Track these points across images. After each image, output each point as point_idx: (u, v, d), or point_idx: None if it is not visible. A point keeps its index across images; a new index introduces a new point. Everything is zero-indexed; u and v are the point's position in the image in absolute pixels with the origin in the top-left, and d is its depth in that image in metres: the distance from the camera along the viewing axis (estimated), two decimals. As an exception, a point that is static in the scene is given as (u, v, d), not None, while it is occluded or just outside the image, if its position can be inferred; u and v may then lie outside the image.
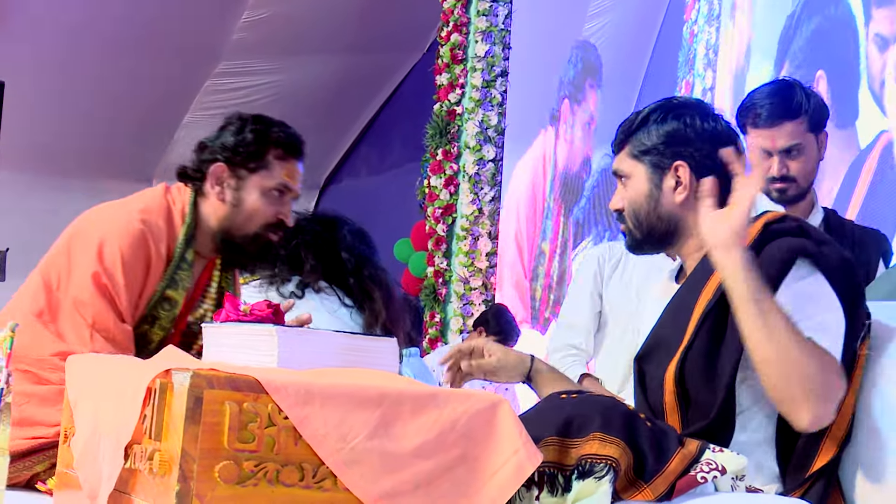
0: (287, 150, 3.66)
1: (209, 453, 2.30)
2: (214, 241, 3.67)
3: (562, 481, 2.56)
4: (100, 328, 3.43)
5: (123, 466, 2.51)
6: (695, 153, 3.02)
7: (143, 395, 2.46)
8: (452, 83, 7.35)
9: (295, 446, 2.34)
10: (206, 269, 3.75)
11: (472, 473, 2.43)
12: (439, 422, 2.42)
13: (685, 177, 3.03)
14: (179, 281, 3.59)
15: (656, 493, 2.62)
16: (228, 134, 3.64)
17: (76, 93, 8.83)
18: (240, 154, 3.61)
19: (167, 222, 3.59)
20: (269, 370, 2.44)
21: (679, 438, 2.70)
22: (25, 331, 3.38)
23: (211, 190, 3.63)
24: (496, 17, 7.18)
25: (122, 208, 3.61)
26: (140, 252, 3.51)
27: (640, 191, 3.07)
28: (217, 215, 3.64)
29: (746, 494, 2.76)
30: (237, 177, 3.62)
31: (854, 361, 2.86)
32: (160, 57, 8.73)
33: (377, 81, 9.47)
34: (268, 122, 3.68)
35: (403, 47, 9.13)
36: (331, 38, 8.93)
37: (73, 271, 3.49)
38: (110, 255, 3.47)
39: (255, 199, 3.61)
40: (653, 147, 3.06)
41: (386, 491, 2.37)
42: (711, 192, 2.90)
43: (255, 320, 2.70)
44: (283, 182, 3.64)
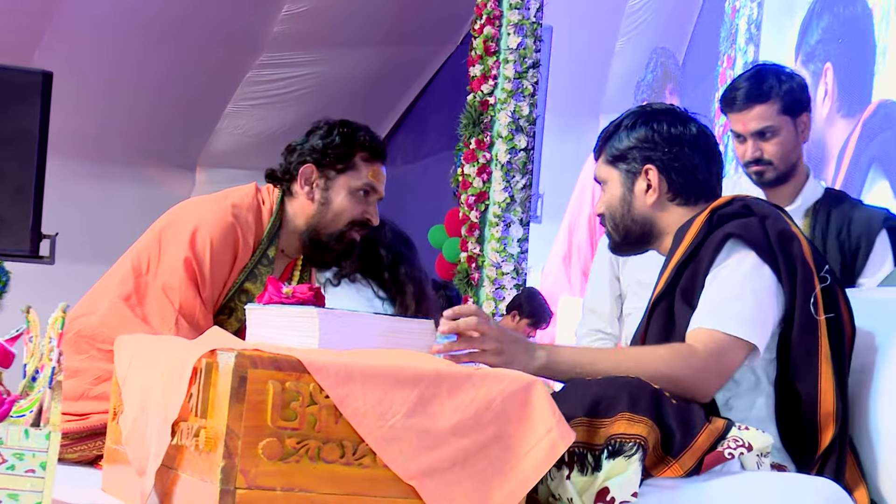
0: (373, 153, 3.70)
1: (253, 430, 2.31)
2: (300, 240, 3.71)
3: (591, 461, 2.56)
4: (186, 313, 3.47)
5: (170, 443, 2.51)
6: (663, 157, 3.07)
7: (190, 374, 2.47)
8: (485, 74, 7.34)
9: (336, 424, 2.35)
10: (287, 269, 3.79)
11: (506, 452, 2.43)
12: (475, 401, 2.42)
13: (654, 180, 3.07)
14: (258, 275, 3.63)
15: (685, 468, 2.61)
16: (317, 137, 3.68)
17: (122, 84, 8.84)
18: (328, 156, 3.65)
19: (256, 218, 3.64)
20: (310, 351, 2.45)
21: (705, 415, 2.69)
22: (112, 313, 3.41)
23: (300, 190, 3.67)
24: (528, 9, 7.16)
25: (216, 201, 3.67)
26: (229, 243, 3.56)
27: (615, 195, 3.12)
28: (305, 214, 3.68)
29: (774, 472, 2.76)
30: (325, 177, 3.66)
31: (815, 327, 2.85)
32: (203, 48, 8.74)
33: (412, 73, 9.46)
34: (355, 127, 3.71)
35: (438, 39, 9.12)
36: (367, 31, 8.92)
37: (163, 257, 3.53)
38: (201, 243, 3.52)
39: (342, 198, 3.66)
40: (625, 152, 3.10)
41: (423, 468, 2.37)
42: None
43: (297, 303, 2.70)
44: (369, 182, 3.68)
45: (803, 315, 2.85)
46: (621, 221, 3.12)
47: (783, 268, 2.87)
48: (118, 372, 2.92)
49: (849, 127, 4.50)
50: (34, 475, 2.42)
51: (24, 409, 2.50)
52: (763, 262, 2.88)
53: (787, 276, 2.87)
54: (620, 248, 3.19)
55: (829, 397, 2.83)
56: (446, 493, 2.38)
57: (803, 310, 2.85)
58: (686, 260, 2.95)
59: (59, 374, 2.50)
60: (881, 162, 4.33)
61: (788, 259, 2.88)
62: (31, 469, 2.42)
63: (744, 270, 2.88)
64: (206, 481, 2.35)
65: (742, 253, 2.89)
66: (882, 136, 4.33)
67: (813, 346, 2.85)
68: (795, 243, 2.89)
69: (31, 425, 2.48)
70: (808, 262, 2.88)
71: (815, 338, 2.85)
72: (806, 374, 2.85)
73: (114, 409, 2.93)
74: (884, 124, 4.34)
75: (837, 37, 4.59)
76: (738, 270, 2.88)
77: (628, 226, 3.11)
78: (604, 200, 3.15)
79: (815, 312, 2.85)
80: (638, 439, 2.55)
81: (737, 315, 2.83)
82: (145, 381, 2.71)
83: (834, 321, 2.88)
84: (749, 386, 2.91)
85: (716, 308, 2.85)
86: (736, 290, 2.86)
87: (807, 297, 2.86)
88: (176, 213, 3.66)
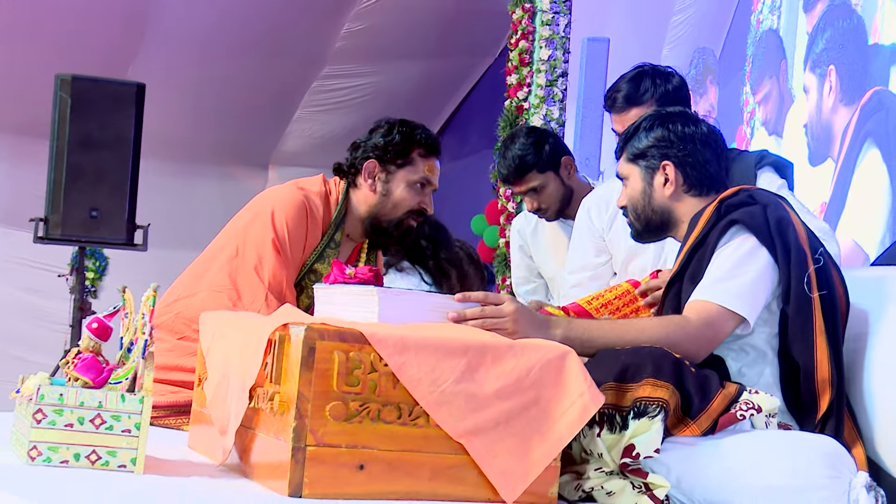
0: (429, 150, 3.69)
1: (321, 395, 2.31)
2: (363, 226, 3.70)
3: (619, 420, 2.55)
4: (274, 290, 3.47)
5: (248, 406, 2.52)
6: (679, 154, 3.05)
7: (265, 345, 2.48)
8: (520, 83, 7.29)
9: (393, 389, 2.35)
10: (353, 252, 3.78)
11: (544, 413, 2.42)
12: (516, 369, 2.41)
13: (671, 174, 3.05)
14: (326, 257, 3.63)
15: (701, 428, 2.60)
16: (379, 135, 3.68)
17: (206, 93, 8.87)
18: (389, 152, 3.65)
19: (324, 204, 3.65)
20: (371, 325, 2.44)
21: (720, 381, 2.68)
22: (211, 300, 3.40)
23: (364, 182, 3.67)
24: (557, 26, 7.11)
25: (288, 187, 3.68)
26: (301, 223, 3.56)
27: (636, 189, 3.10)
28: (368, 203, 3.67)
29: (780, 431, 2.73)
30: (386, 171, 3.66)
31: (809, 304, 2.82)
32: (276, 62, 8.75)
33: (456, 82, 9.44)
34: (412, 125, 3.70)
35: (478, 52, 9.09)
36: (417, 46, 8.92)
37: (250, 242, 3.52)
38: (280, 223, 3.53)
39: (401, 190, 3.65)
40: (644, 150, 3.08)
41: (470, 427, 2.36)
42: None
43: (359, 282, 2.68)
44: (425, 176, 3.68)
45: (798, 293, 2.83)
46: (643, 212, 3.10)
47: (780, 251, 2.85)
48: (202, 343, 2.92)
49: (849, 113, 4.65)
50: (129, 434, 2.42)
51: (121, 377, 2.50)
52: (762, 245, 2.86)
53: (784, 258, 2.85)
54: (642, 236, 3.16)
55: (824, 366, 2.81)
56: (490, 450, 2.37)
57: (798, 288, 2.83)
58: (697, 245, 2.94)
59: (150, 345, 2.49)
60: (875, 135, 4.51)
61: (785, 243, 2.85)
62: (126, 429, 2.42)
63: (743, 252, 2.86)
64: (279, 439, 2.35)
65: (743, 237, 2.88)
66: (876, 115, 4.52)
67: (808, 321, 2.83)
68: (791, 229, 2.87)
69: (127, 391, 2.48)
70: (802, 246, 2.86)
71: (809, 313, 2.83)
72: (802, 345, 2.83)
73: (199, 376, 2.92)
74: (878, 107, 4.52)
75: (839, 44, 4.75)
76: (738, 252, 2.86)
77: (649, 216, 3.09)
78: (626, 194, 3.13)
79: (809, 290, 2.83)
80: (661, 402, 2.55)
81: (731, 290, 2.81)
82: (226, 351, 2.71)
83: (828, 298, 2.86)
84: (757, 356, 2.88)
85: (713, 283, 2.84)
86: (733, 269, 2.84)
87: (801, 277, 2.83)
88: (256, 203, 3.65)
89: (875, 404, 2.86)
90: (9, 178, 8.69)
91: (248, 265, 3.49)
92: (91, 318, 2.63)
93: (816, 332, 2.82)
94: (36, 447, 2.38)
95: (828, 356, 2.81)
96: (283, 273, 3.49)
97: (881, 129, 4.54)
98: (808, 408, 2.81)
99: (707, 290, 2.83)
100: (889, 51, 4.57)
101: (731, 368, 2.86)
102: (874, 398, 2.86)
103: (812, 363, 2.81)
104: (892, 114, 4.49)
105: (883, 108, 4.52)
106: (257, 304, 3.39)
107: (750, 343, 2.87)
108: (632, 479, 2.54)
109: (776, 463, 2.58)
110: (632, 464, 2.53)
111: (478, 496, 2.37)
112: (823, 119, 4.81)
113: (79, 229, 6.43)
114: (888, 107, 4.49)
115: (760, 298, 2.85)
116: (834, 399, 2.79)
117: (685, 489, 2.58)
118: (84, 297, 6.62)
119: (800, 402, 2.82)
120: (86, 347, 2.55)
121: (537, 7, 7.14)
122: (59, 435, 2.39)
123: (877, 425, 2.85)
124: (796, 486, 2.56)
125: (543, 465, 2.40)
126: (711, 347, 2.82)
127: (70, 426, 2.39)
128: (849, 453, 2.70)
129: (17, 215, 7.94)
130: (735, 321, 2.81)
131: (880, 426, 2.84)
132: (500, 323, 2.68)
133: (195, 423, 2.93)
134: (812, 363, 2.81)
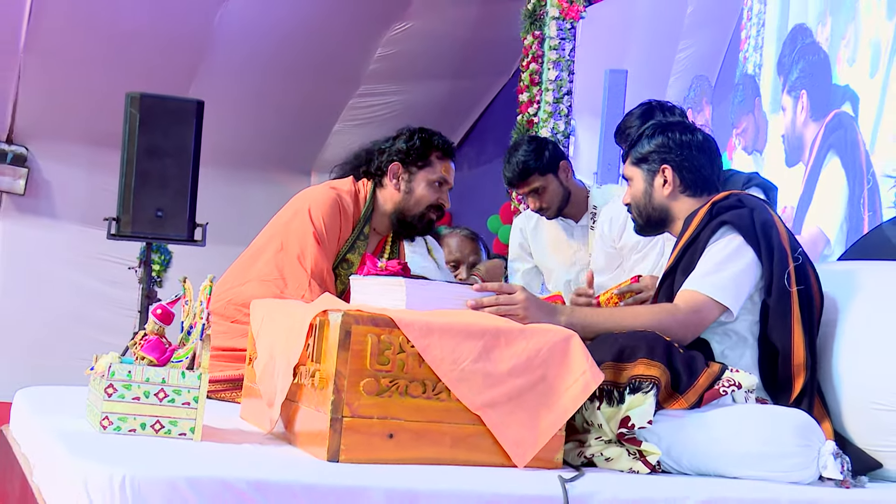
0: (445, 153, 3.71)
1: (356, 372, 2.30)
2: (389, 220, 3.71)
3: (617, 395, 2.55)
4: (316, 276, 3.47)
5: (293, 382, 2.52)
6: (676, 158, 3.04)
7: (307, 329, 2.48)
8: (531, 100, 7.28)
9: (419, 367, 2.34)
10: (380, 244, 3.78)
11: (551, 389, 2.42)
12: (526, 350, 2.41)
13: (670, 176, 3.04)
14: (357, 248, 3.64)
15: (689, 402, 2.60)
16: (402, 141, 3.70)
17: (257, 108, 8.86)
18: (411, 156, 3.67)
19: (354, 202, 3.66)
20: (399, 311, 2.43)
21: (705, 361, 2.67)
22: (259, 288, 3.39)
23: (389, 182, 3.68)
24: (563, 50, 7.09)
25: (323, 187, 3.70)
26: (335, 218, 3.58)
27: (638, 189, 3.09)
28: (393, 201, 3.68)
29: (757, 405, 2.72)
30: (409, 172, 3.67)
31: (788, 297, 2.81)
32: (318, 82, 8.75)
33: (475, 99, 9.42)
34: (430, 132, 3.73)
35: (494, 73, 9.07)
36: (441, 68, 8.90)
37: (293, 235, 3.53)
38: (317, 217, 3.54)
39: (422, 188, 3.67)
40: (646, 155, 3.07)
41: (486, 401, 2.36)
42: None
43: (389, 274, 2.68)
44: (442, 176, 3.69)
45: (779, 287, 2.82)
46: (644, 209, 3.08)
47: (764, 250, 2.84)
48: (252, 327, 2.92)
49: (817, 128, 4.95)
50: (189, 407, 2.42)
51: (182, 356, 2.50)
52: (748, 244, 2.84)
53: (767, 256, 2.84)
54: (644, 230, 3.15)
55: (800, 352, 2.80)
56: (504, 421, 2.37)
57: (779, 283, 2.82)
58: (690, 243, 2.93)
59: (207, 329, 2.49)
60: (836, 147, 4.80)
61: (768, 243, 2.84)
62: (186, 402, 2.42)
63: (731, 249, 2.84)
64: (319, 411, 2.35)
65: (731, 236, 2.86)
66: (837, 132, 4.80)
67: (787, 312, 2.81)
68: (775, 231, 2.85)
69: (187, 368, 2.48)
70: (784, 246, 2.84)
71: (788, 305, 2.81)
72: (781, 333, 2.81)
73: (249, 356, 2.92)
74: (839, 125, 4.80)
75: (809, 73, 5.04)
76: (726, 249, 2.84)
77: (649, 213, 3.08)
78: (630, 193, 3.12)
79: (788, 285, 2.82)
80: (653, 379, 2.55)
81: (716, 282, 2.80)
82: (274, 334, 2.71)
83: (804, 292, 2.84)
84: (738, 340, 2.87)
85: (702, 276, 2.82)
86: (721, 264, 2.83)
87: (782, 273, 2.82)
88: (295, 202, 3.66)
89: (842, 383, 2.84)
90: (86, 184, 8.70)
91: (291, 256, 3.48)
92: (156, 304, 2.63)
93: (794, 322, 2.81)
94: (107, 417, 2.39)
95: (803, 343, 2.80)
96: (324, 262, 3.50)
97: (841, 142, 4.82)
98: (784, 388, 2.79)
99: (696, 281, 2.82)
100: (846, 86, 4.90)
101: (715, 350, 2.84)
102: (841, 378, 2.85)
103: (789, 349, 2.79)
104: (850, 131, 4.73)
105: (843, 126, 4.82)
106: (301, 290, 3.39)
107: (733, 329, 2.86)
108: (628, 447, 2.54)
109: (754, 433, 2.57)
110: (628, 433, 2.52)
111: (493, 461, 2.37)
112: (797, 131, 5.07)
113: (146, 227, 6.44)
114: (846, 126, 4.77)
115: (743, 291, 2.83)
116: (807, 381, 2.78)
117: (674, 456, 2.57)
118: (150, 287, 6.63)
119: (776, 383, 2.81)
120: (151, 330, 2.55)
121: (546, 34, 7.12)
122: (128, 407, 2.39)
123: (843, 402, 2.83)
124: (771, 452, 2.55)
125: (550, 434, 2.40)
126: (698, 332, 2.81)
127: (137, 399, 2.40)
128: (818, 426, 2.68)
129: (93, 216, 7.96)
130: (719, 310, 2.80)
131: (846, 402, 2.83)
132: (512, 310, 2.68)
133: (246, 397, 2.93)
134: (789, 349, 2.79)
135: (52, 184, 8.82)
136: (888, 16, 4.71)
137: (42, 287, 8.60)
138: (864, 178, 4.65)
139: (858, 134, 4.76)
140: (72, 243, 8.65)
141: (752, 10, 5.54)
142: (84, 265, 8.66)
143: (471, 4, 8.42)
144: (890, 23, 4.68)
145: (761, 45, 5.51)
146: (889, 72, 4.66)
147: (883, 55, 4.71)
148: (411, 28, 8.51)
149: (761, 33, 5.48)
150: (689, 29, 6.23)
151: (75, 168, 8.77)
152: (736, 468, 2.55)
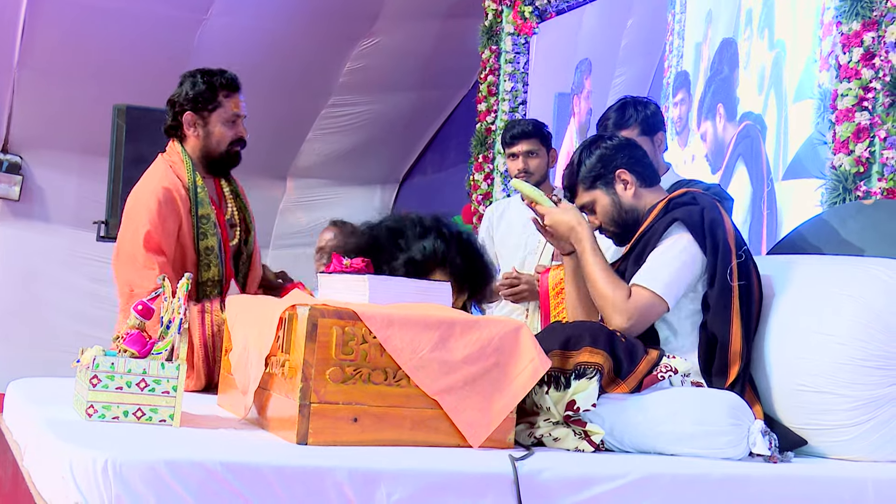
0: (230, 89, 3.55)
1: (322, 362, 2.30)
2: (204, 166, 3.56)
3: (563, 381, 2.55)
4: (164, 267, 3.32)
5: (264, 371, 2.52)
6: (623, 159, 3.00)
7: (278, 322, 2.47)
8: (489, 109, 7.28)
9: (381, 357, 2.34)
10: (217, 187, 3.61)
11: (502, 375, 2.42)
12: (480, 339, 2.41)
13: (628, 176, 3.00)
14: (202, 202, 3.45)
15: (630, 387, 2.62)
16: (186, 88, 3.54)
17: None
18: (199, 102, 3.52)
19: (176, 173, 3.48)
20: (362, 305, 2.43)
21: (644, 349, 2.69)
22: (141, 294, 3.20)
23: (189, 133, 3.53)
24: (518, 63, 7.10)
25: (151, 187, 3.45)
26: (169, 213, 3.39)
27: (605, 204, 3.00)
28: (198, 148, 3.53)
29: (693, 388, 2.74)
30: (202, 118, 3.52)
31: (729, 291, 2.81)
32: (294, 93, 8.73)
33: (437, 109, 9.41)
34: (211, 72, 3.56)
35: (455, 85, 9.07)
36: (406, 80, 8.89)
37: (129, 244, 3.41)
38: (149, 220, 3.37)
39: (219, 129, 3.52)
40: (596, 174, 3.00)
41: (443, 387, 2.36)
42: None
43: (352, 271, 2.68)
44: (234, 113, 3.54)
45: (721, 282, 2.81)
46: (618, 218, 3.00)
47: (709, 246, 2.83)
48: (228, 321, 2.91)
49: (730, 137, 5.10)
50: (168, 395, 2.41)
51: (161, 349, 2.49)
52: (695, 241, 2.84)
53: (712, 252, 2.83)
54: (624, 238, 3.03)
55: (737, 341, 2.80)
56: (459, 405, 2.37)
57: (722, 278, 2.81)
58: (644, 233, 2.92)
59: (185, 323, 2.48)
60: (744, 155, 4.98)
61: (714, 240, 2.83)
62: (166, 391, 2.41)
63: (679, 246, 2.84)
64: (289, 398, 2.34)
65: (681, 233, 2.85)
66: (744, 141, 4.98)
67: (727, 304, 2.81)
68: (721, 229, 2.84)
69: (166, 360, 2.47)
70: (729, 243, 2.84)
71: (729, 298, 2.81)
72: (721, 323, 2.81)
73: (225, 348, 2.91)
74: (746, 135, 4.97)
75: (723, 90, 5.19)
76: (675, 245, 2.84)
77: (624, 218, 2.99)
78: (599, 215, 3.02)
79: (730, 280, 2.82)
80: (597, 366, 2.56)
81: (662, 278, 2.80)
82: (247, 327, 2.70)
83: (745, 287, 2.85)
84: (680, 328, 2.86)
85: (650, 270, 2.82)
86: (668, 261, 2.82)
87: (725, 268, 2.82)
88: (131, 211, 3.50)
89: (771, 367, 2.86)
90: (77, 190, 8.64)
91: (138, 266, 3.34)
92: (137, 301, 2.62)
93: (734, 314, 2.81)
94: (93, 406, 2.38)
95: (741, 334, 2.81)
96: (167, 250, 3.35)
97: (747, 151, 4.95)
98: (720, 374, 2.79)
99: (645, 276, 2.81)
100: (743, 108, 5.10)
101: (660, 336, 2.85)
102: (770, 362, 2.87)
103: (728, 338, 2.79)
104: (755, 141, 4.87)
105: (749, 136, 4.94)
106: (152, 284, 3.07)
107: (676, 317, 2.86)
108: (574, 428, 2.54)
109: (689, 414, 2.58)
110: (573, 416, 2.53)
111: (450, 442, 2.37)
112: (717, 138, 5.19)
113: (132, 230, 6.40)
114: (752, 136, 4.90)
115: (683, 285, 2.83)
116: (742, 369, 2.79)
117: (617, 436, 2.58)
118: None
119: (713, 369, 2.81)
120: (132, 325, 2.55)
121: (502, 49, 7.13)
122: (111, 396, 2.38)
123: (772, 384, 2.85)
124: (705, 431, 2.57)
125: (502, 417, 2.40)
126: (644, 328, 2.79)
127: (120, 389, 2.39)
128: (749, 407, 2.71)
129: (83, 219, 7.93)
130: (662, 305, 2.80)
131: (774, 384, 2.85)
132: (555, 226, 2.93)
133: (222, 385, 2.93)
134: (728, 338, 2.79)
135: (45, 190, 8.76)
136: (769, 48, 4.89)
137: (36, 286, 8.54)
138: (765, 183, 4.78)
139: (762, 143, 4.89)
140: (63, 245, 8.60)
141: (672, 44, 5.68)
142: (75, 265, 8.61)
143: (433, 21, 8.43)
144: (770, 53, 4.87)
145: (681, 73, 5.64)
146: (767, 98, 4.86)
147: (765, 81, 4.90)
148: (378, 44, 8.51)
149: (680, 64, 5.61)
150: (623, 59, 6.32)
151: (67, 175, 8.71)
152: (673, 446, 2.57)
